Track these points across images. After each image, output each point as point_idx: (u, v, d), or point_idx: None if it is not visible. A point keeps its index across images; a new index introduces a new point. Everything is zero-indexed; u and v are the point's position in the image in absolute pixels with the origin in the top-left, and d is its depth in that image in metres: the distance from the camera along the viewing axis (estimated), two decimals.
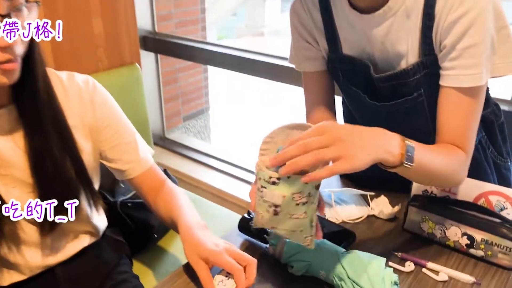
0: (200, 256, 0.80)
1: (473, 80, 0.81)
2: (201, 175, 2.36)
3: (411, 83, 0.89)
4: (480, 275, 0.86)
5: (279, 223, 0.75)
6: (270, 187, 0.72)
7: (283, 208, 0.73)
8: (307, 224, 0.75)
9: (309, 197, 0.72)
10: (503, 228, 0.86)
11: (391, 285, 0.77)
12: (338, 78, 1.03)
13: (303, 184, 0.71)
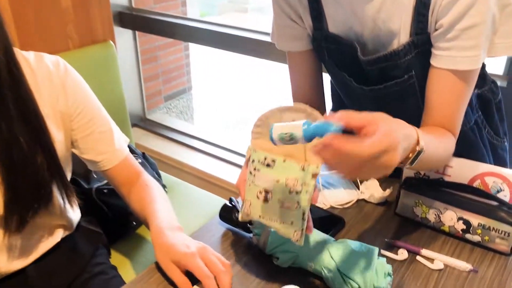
0: (172, 259, 0.75)
1: (470, 63, 0.76)
2: (183, 157, 2.29)
3: (402, 64, 0.82)
4: (476, 262, 0.81)
5: (268, 212, 0.70)
6: (264, 170, 0.68)
7: (274, 195, 0.68)
8: (298, 216, 0.69)
9: (304, 186, 0.67)
10: (501, 211, 0.81)
11: (385, 276, 0.71)
12: (324, 58, 0.96)
13: (299, 171, 0.66)
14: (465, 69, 0.76)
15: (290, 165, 0.67)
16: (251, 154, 0.70)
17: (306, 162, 0.67)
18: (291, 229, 0.70)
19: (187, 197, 1.53)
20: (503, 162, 0.98)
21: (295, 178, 0.67)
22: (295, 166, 0.66)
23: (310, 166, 0.66)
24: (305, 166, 0.66)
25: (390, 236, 0.87)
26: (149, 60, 2.70)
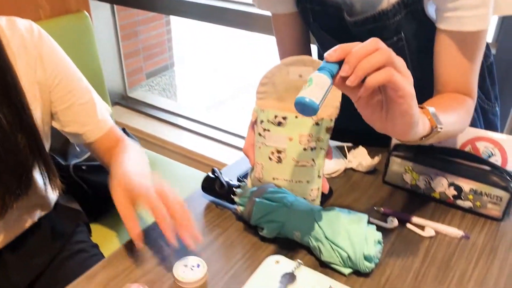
0: (125, 188, 0.70)
1: (479, 22, 0.72)
2: (167, 135, 2.24)
3: (391, 26, 0.78)
4: (468, 228, 0.79)
5: (283, 172, 0.66)
6: (275, 129, 0.65)
7: (288, 154, 0.65)
8: (314, 174, 0.66)
9: (318, 142, 0.64)
10: (493, 176, 0.78)
11: (375, 244, 0.68)
12: (309, 21, 0.91)
13: (313, 126, 0.63)
14: (474, 30, 0.72)
15: (302, 121, 0.64)
16: (258, 115, 0.66)
17: (319, 116, 0.64)
18: (308, 188, 0.67)
19: (170, 173, 1.49)
20: (494, 127, 0.95)
21: (308, 134, 0.64)
22: (308, 121, 0.63)
23: (324, 119, 0.63)
24: (318, 120, 0.63)
25: (379, 204, 0.84)
26: (129, 36, 2.61)
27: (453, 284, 0.67)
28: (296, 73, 0.64)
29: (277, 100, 0.66)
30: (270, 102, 0.67)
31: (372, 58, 0.51)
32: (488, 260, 0.72)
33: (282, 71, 0.65)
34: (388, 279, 0.68)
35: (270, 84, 0.66)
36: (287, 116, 0.64)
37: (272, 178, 0.68)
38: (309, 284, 0.63)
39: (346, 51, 0.52)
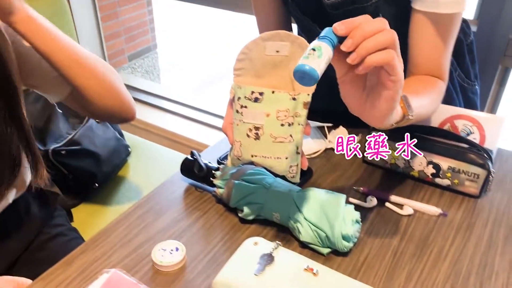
0: None
1: (455, 5, 0.71)
2: (150, 118, 2.21)
3: (369, 8, 0.77)
4: (446, 206, 0.79)
5: (261, 149, 0.65)
6: (252, 105, 0.64)
7: (265, 130, 0.64)
8: (293, 150, 0.65)
9: (296, 118, 0.63)
10: (471, 153, 0.79)
11: (353, 224, 0.68)
12: (287, 1, 0.89)
13: (290, 101, 0.62)
14: (449, 13, 0.72)
15: (279, 96, 0.63)
16: (235, 92, 0.66)
17: (296, 91, 0.63)
18: (287, 164, 0.66)
19: (152, 156, 1.47)
20: (473, 106, 0.96)
21: (286, 109, 0.63)
22: (285, 96, 0.63)
23: (301, 94, 0.63)
24: (295, 95, 0.63)
25: (359, 184, 0.84)
26: (109, 17, 2.56)
27: (430, 261, 0.68)
28: (273, 48, 0.63)
29: (255, 76, 0.65)
30: (247, 78, 0.66)
31: (377, 37, 0.50)
32: (465, 237, 0.73)
33: (259, 46, 0.64)
34: (366, 257, 0.69)
35: (247, 60, 0.65)
36: (264, 92, 0.63)
37: (250, 155, 0.67)
38: (287, 264, 0.63)
39: (353, 26, 0.51)
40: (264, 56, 0.64)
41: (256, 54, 0.64)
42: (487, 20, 1.29)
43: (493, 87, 1.39)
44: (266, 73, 0.65)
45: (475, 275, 0.66)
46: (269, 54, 0.63)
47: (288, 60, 0.63)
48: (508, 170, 0.88)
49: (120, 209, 1.25)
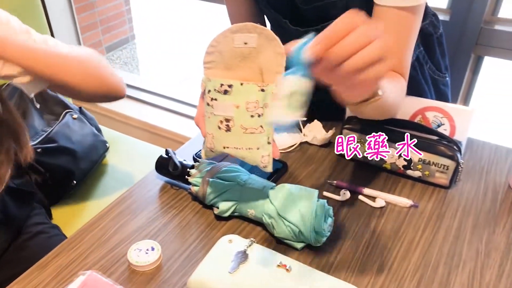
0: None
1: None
2: (130, 111, 2.19)
3: (339, 3, 0.77)
4: (417, 197, 0.81)
5: (233, 141, 0.67)
6: (222, 97, 0.65)
7: (236, 122, 0.65)
8: (264, 141, 0.66)
9: (266, 109, 0.64)
10: (441, 145, 0.80)
11: (325, 218, 0.70)
12: None
13: (258, 92, 0.63)
14: (408, 5, 0.71)
15: (248, 88, 0.64)
16: (206, 85, 0.67)
17: (264, 83, 0.64)
18: (258, 155, 0.67)
19: (131, 151, 1.46)
20: (445, 98, 0.97)
21: (255, 100, 0.64)
22: (253, 88, 0.63)
23: (269, 86, 0.64)
24: (264, 87, 0.63)
25: (333, 177, 0.86)
26: (85, 8, 2.51)
27: (400, 252, 0.70)
28: (241, 40, 0.64)
29: (225, 68, 0.66)
30: (217, 71, 0.67)
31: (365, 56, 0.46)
32: (435, 227, 0.75)
33: (227, 38, 0.64)
34: (339, 251, 0.70)
35: (217, 53, 0.66)
36: (233, 84, 0.64)
37: (223, 147, 0.68)
38: (261, 261, 0.64)
39: (332, 42, 0.46)
40: (233, 48, 0.64)
41: (225, 46, 0.65)
42: (459, 9, 1.30)
43: (467, 75, 1.41)
44: (235, 65, 0.66)
45: (444, 265, 0.68)
46: (237, 46, 0.64)
47: (257, 51, 0.64)
48: (478, 160, 0.90)
49: (99, 205, 1.25)
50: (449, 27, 1.33)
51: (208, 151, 0.70)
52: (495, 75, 2.78)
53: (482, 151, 0.92)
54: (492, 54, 1.36)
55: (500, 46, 1.32)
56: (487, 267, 0.68)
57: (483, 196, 0.81)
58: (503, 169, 0.87)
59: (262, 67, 0.64)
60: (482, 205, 0.79)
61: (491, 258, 0.69)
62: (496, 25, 1.32)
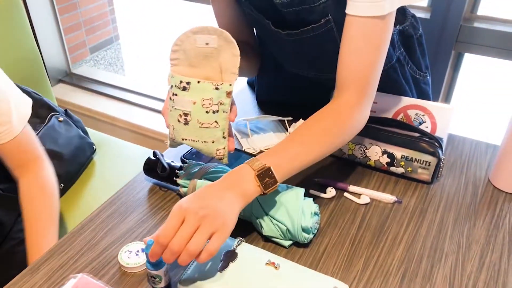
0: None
1: (374, 8, 0.68)
2: (116, 112, 2.18)
3: (317, 8, 0.77)
4: (401, 193, 0.83)
5: (190, 133, 0.73)
6: (181, 93, 0.71)
7: (193, 116, 0.72)
8: (218, 135, 0.73)
9: (220, 106, 0.71)
10: (422, 142, 0.83)
11: (311, 216, 0.71)
12: (240, 0, 0.89)
13: (213, 90, 0.70)
14: (366, 15, 0.68)
15: (204, 86, 0.70)
16: (170, 81, 0.72)
17: (219, 81, 0.70)
18: (213, 148, 0.73)
19: (118, 153, 1.46)
20: (426, 96, 0.99)
21: (210, 98, 0.70)
22: (209, 86, 0.70)
23: (223, 84, 0.70)
24: (218, 86, 0.70)
25: (319, 174, 0.87)
26: (68, 9, 2.49)
27: (385, 247, 0.72)
28: (202, 40, 0.69)
29: (189, 66, 0.72)
30: (182, 68, 0.72)
31: (192, 251, 0.58)
32: (418, 222, 0.77)
33: (189, 39, 0.70)
34: (326, 248, 0.72)
35: (181, 51, 0.71)
36: (191, 82, 0.70)
37: (182, 139, 0.74)
38: (249, 259, 0.66)
39: (163, 246, 0.59)
40: (196, 48, 0.70)
41: (188, 45, 0.70)
42: (439, 7, 1.33)
43: (448, 71, 1.45)
44: (199, 64, 0.72)
45: (427, 258, 0.70)
46: (200, 46, 0.70)
47: (217, 52, 0.70)
48: (458, 155, 0.93)
49: (88, 208, 1.25)
50: (430, 25, 1.36)
51: (171, 141, 0.76)
52: (474, 71, 2.85)
53: (462, 147, 0.95)
54: (471, 51, 1.39)
55: (479, 43, 1.36)
56: (468, 259, 0.70)
57: (464, 190, 0.84)
58: (483, 164, 0.90)
59: (222, 67, 0.71)
60: (463, 199, 0.82)
61: (472, 250, 0.72)
62: (475, 23, 1.36)
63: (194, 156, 0.91)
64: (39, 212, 0.89)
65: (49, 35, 2.23)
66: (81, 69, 2.44)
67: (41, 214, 0.89)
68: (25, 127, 0.90)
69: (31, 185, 0.90)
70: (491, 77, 2.94)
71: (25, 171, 0.91)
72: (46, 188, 0.91)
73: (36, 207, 0.89)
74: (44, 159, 0.94)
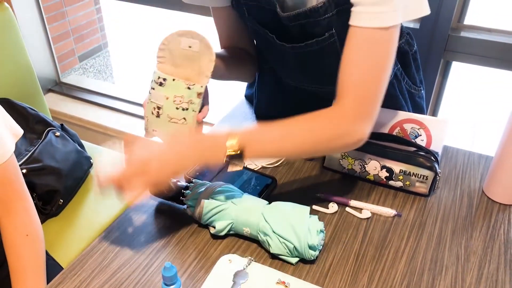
0: None
1: (377, 20, 0.69)
2: (107, 121, 2.18)
3: (322, 22, 0.79)
4: (400, 206, 0.87)
5: (160, 126, 0.81)
6: (157, 88, 0.79)
7: (164, 110, 0.79)
8: (185, 131, 0.80)
9: (190, 104, 0.79)
10: (419, 157, 0.86)
11: (317, 233, 0.74)
12: (244, 16, 0.92)
13: (185, 89, 0.78)
14: (369, 26, 0.70)
15: (178, 84, 0.78)
16: (152, 75, 0.80)
17: (191, 82, 0.78)
18: None
19: (115, 165, 1.46)
20: (421, 109, 1.03)
21: (181, 95, 0.78)
22: (182, 85, 0.78)
23: (195, 85, 0.78)
24: (190, 86, 0.77)
25: (320, 190, 0.90)
26: (56, 18, 2.47)
27: (388, 261, 0.75)
28: (186, 43, 0.77)
29: (173, 65, 0.79)
30: (167, 66, 0.79)
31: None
32: (418, 235, 0.80)
33: (175, 40, 0.77)
34: (331, 263, 0.75)
35: (167, 50, 0.78)
36: (167, 78, 0.78)
37: (152, 129, 0.81)
38: (260, 278, 0.68)
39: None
40: (180, 49, 0.78)
41: (174, 46, 0.78)
42: (428, 18, 1.37)
43: (437, 78, 1.49)
44: (182, 64, 0.79)
45: (428, 271, 0.74)
46: (183, 48, 0.78)
47: (198, 55, 0.77)
48: (453, 167, 0.96)
49: (87, 223, 1.26)
50: (419, 34, 1.40)
51: (145, 131, 0.84)
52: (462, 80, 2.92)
53: (456, 158, 0.99)
54: (459, 59, 1.44)
55: (466, 51, 1.40)
56: (468, 271, 0.73)
57: (460, 202, 0.87)
58: (477, 175, 0.94)
59: (200, 69, 0.78)
60: (459, 211, 0.85)
61: (471, 262, 0.75)
62: (462, 32, 1.40)
63: (197, 174, 0.93)
64: (25, 263, 0.85)
65: (38, 44, 2.22)
66: (70, 78, 2.42)
67: (27, 264, 0.85)
68: (11, 157, 0.85)
69: (16, 234, 0.86)
70: (478, 86, 3.01)
71: (7, 212, 0.86)
72: (32, 235, 0.87)
73: (22, 257, 0.86)
74: (28, 201, 0.90)
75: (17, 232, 0.86)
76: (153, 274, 0.73)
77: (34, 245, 0.88)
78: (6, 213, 0.86)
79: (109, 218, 1.28)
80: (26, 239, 0.86)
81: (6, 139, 0.84)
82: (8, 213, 0.86)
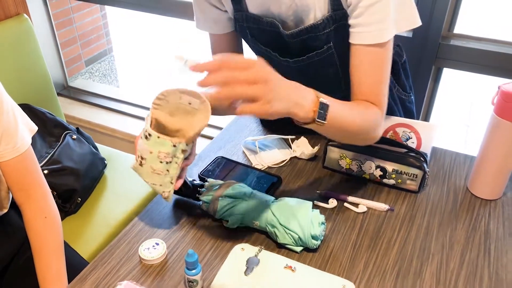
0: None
1: (376, 37, 0.81)
2: (114, 123, 2.26)
3: (321, 36, 0.90)
4: (392, 201, 0.96)
5: (143, 174, 0.82)
6: (144, 141, 0.79)
7: (147, 162, 0.80)
8: (167, 181, 0.81)
9: (174, 158, 0.79)
10: (410, 158, 0.96)
11: (319, 225, 0.84)
12: (247, 38, 1.01)
13: (171, 147, 0.77)
14: (373, 43, 0.82)
15: (163, 142, 0.77)
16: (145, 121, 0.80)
17: (177, 140, 0.78)
18: (161, 189, 0.83)
19: (126, 167, 1.56)
20: (411, 114, 1.13)
21: (166, 152, 0.78)
22: (167, 143, 0.77)
23: (180, 144, 0.78)
24: (176, 144, 0.78)
25: (321, 187, 1.00)
26: (64, 24, 2.57)
27: (381, 250, 0.85)
28: (186, 100, 0.77)
29: (168, 114, 0.79)
30: (162, 114, 0.79)
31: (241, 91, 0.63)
32: (408, 227, 0.90)
33: (175, 95, 0.78)
34: (332, 251, 0.85)
35: (165, 100, 0.79)
36: (152, 134, 0.78)
37: (137, 173, 0.84)
38: (270, 264, 0.78)
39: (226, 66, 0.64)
40: (178, 103, 0.78)
41: (173, 99, 0.78)
42: (420, 27, 1.45)
43: (429, 84, 1.59)
44: (178, 115, 0.79)
45: (417, 258, 0.83)
46: (183, 103, 0.78)
47: (195, 112, 0.78)
48: (441, 166, 1.06)
49: (103, 219, 1.35)
50: (412, 43, 1.50)
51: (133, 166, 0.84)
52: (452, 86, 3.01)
53: (444, 158, 1.09)
54: (449, 66, 1.53)
55: (456, 59, 1.50)
56: (451, 257, 0.83)
57: (446, 198, 0.97)
58: (462, 174, 1.04)
59: (193, 124, 0.78)
60: (446, 206, 0.95)
61: (454, 250, 0.85)
62: (452, 40, 1.50)
63: (210, 173, 1.02)
64: (46, 242, 0.94)
65: (48, 50, 2.31)
66: (77, 82, 2.51)
67: (47, 243, 0.94)
68: (29, 149, 0.93)
69: (36, 217, 0.94)
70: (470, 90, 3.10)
71: (28, 199, 0.95)
72: (50, 217, 0.96)
73: (42, 237, 0.94)
74: (46, 188, 0.98)
75: (37, 215, 0.95)
76: (175, 261, 0.83)
77: (53, 226, 0.97)
78: (26, 199, 0.95)
79: (123, 215, 1.37)
80: (45, 221, 0.95)
81: (24, 133, 0.93)
82: (28, 199, 0.95)
